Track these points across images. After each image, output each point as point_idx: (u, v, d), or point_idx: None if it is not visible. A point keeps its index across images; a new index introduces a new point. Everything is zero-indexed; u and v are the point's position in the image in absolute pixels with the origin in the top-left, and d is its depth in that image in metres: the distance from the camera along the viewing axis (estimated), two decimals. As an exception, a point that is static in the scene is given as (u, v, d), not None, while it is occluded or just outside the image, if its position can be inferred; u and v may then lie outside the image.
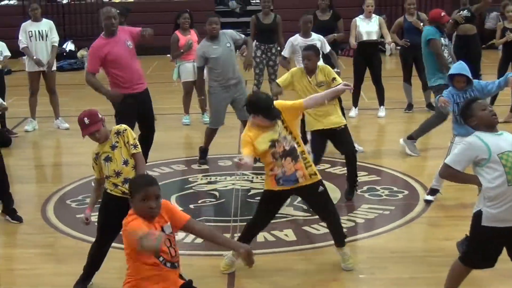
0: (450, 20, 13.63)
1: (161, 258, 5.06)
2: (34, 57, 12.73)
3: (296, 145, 6.80)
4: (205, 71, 10.63)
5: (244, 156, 6.44)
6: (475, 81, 8.24)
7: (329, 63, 10.19)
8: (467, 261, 5.97)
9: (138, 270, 5.07)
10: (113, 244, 6.88)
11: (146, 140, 9.61)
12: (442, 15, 10.85)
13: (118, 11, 9.83)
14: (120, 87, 9.53)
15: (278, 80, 8.91)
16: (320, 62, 9.53)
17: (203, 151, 10.78)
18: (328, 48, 10.90)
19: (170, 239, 5.12)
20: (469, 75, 8.06)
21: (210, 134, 10.70)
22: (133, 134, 6.71)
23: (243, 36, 10.71)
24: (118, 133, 6.63)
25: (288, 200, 8.89)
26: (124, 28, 9.84)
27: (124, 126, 6.73)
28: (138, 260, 5.04)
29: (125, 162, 6.59)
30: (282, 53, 11.13)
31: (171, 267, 5.14)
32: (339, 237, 7.16)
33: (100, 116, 6.61)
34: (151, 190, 5.03)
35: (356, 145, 10.55)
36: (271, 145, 6.68)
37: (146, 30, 9.65)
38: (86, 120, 6.52)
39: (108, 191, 6.66)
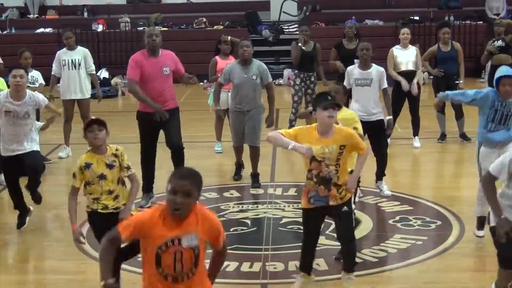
0: (485, 52, 13.60)
1: (160, 269, 4.78)
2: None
3: (335, 178, 6.80)
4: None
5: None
6: None
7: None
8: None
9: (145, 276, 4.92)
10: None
11: (174, 158, 9.93)
12: None
13: None
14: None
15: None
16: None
17: (238, 166, 11.14)
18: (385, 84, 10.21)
19: (182, 251, 4.78)
20: None
21: (236, 151, 11.13)
22: (126, 156, 6.95)
23: (270, 79, 10.78)
24: (115, 154, 6.87)
25: (321, 229, 8.89)
26: (172, 56, 10.07)
27: (121, 148, 6.97)
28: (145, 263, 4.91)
29: (120, 181, 6.88)
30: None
31: (173, 281, 4.82)
32: (349, 263, 7.14)
33: (107, 127, 6.91)
34: (180, 184, 4.72)
35: (385, 187, 10.37)
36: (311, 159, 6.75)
37: (192, 78, 10.01)
38: (94, 118, 6.87)
39: (99, 210, 6.82)
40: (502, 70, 7.86)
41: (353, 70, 10.12)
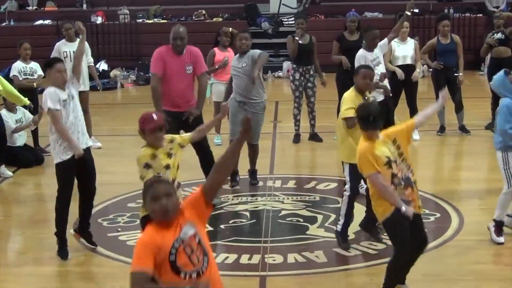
0: (484, 44, 13.59)
1: (182, 274, 4.59)
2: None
3: (410, 174, 6.60)
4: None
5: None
6: None
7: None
8: None
9: None
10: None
11: (201, 155, 9.78)
12: None
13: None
14: (164, 99, 9.51)
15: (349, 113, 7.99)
16: None
17: (233, 173, 10.50)
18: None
19: (191, 244, 4.64)
20: None
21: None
22: (178, 136, 6.96)
23: (259, 54, 10.17)
24: (172, 140, 6.78)
25: (319, 221, 8.90)
26: (195, 53, 9.68)
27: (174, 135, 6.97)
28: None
29: (178, 167, 6.80)
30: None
31: (197, 276, 4.63)
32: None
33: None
34: (159, 188, 4.70)
35: None
36: (387, 162, 6.46)
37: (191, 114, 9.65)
38: (155, 116, 6.61)
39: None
40: None
41: (366, 55, 10.60)
